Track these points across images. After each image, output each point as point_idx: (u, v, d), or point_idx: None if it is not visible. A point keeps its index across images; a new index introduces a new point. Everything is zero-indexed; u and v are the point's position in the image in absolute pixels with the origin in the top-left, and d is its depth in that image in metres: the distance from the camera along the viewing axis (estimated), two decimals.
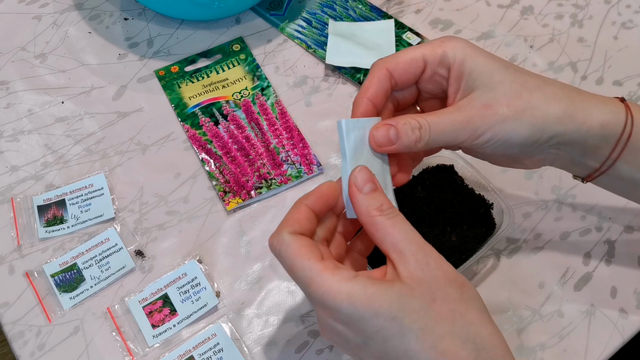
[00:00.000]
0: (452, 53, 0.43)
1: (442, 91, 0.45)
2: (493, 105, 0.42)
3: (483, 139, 0.42)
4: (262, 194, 0.57)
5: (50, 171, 0.58)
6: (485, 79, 0.42)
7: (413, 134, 0.42)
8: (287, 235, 0.39)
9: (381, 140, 0.42)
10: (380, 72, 0.43)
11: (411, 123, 0.42)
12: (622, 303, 0.53)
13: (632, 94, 0.65)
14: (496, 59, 0.43)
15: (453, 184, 0.54)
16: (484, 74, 0.42)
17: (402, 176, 0.46)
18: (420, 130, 0.42)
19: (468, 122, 0.42)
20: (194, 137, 0.60)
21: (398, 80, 0.44)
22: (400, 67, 0.43)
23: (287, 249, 0.39)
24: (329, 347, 0.50)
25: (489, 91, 0.42)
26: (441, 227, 0.51)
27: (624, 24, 0.70)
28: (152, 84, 0.64)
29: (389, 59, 0.44)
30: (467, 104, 0.42)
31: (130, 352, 0.50)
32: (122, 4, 0.70)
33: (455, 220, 0.52)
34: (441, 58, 0.43)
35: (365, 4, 0.70)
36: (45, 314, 0.51)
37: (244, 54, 0.66)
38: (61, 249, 0.54)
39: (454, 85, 0.43)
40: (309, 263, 0.37)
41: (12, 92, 0.63)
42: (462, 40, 0.43)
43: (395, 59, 0.44)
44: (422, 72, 0.44)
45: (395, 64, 0.43)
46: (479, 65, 0.42)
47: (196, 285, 0.53)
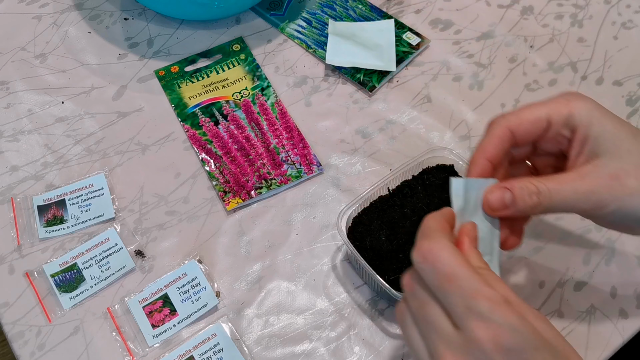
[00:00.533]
0: (578, 114, 0.41)
1: (560, 150, 0.43)
2: (621, 177, 0.39)
3: (607, 210, 0.40)
4: (262, 194, 0.57)
5: (50, 171, 0.58)
6: (613, 146, 0.40)
7: (530, 199, 0.40)
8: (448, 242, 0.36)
9: (495, 204, 0.41)
10: (501, 131, 0.42)
11: (529, 188, 0.40)
12: (622, 303, 0.53)
13: (632, 94, 0.65)
14: (624, 125, 0.41)
15: None
16: (611, 140, 0.40)
17: (513, 240, 0.43)
18: (539, 197, 0.40)
19: (593, 193, 0.39)
20: (194, 137, 0.60)
21: (519, 139, 0.42)
22: (523, 127, 0.42)
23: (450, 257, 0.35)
24: (329, 347, 0.51)
25: (617, 160, 0.40)
26: None
27: (624, 24, 0.70)
28: (152, 84, 0.64)
29: (511, 117, 0.42)
30: (592, 173, 0.40)
31: (130, 352, 0.50)
32: (122, 4, 0.70)
33: None
34: (566, 119, 0.41)
35: (365, 4, 0.70)
36: (45, 314, 0.51)
37: (244, 54, 0.66)
38: (61, 249, 0.54)
39: (577, 148, 0.41)
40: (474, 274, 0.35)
41: (12, 92, 0.63)
42: (589, 101, 0.42)
43: (518, 117, 0.42)
44: (545, 131, 0.42)
45: (518, 123, 0.42)
46: (606, 130, 0.40)
47: (196, 285, 0.53)
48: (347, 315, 0.52)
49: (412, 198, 0.53)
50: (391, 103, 0.64)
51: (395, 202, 0.53)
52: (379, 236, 0.51)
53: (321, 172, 0.59)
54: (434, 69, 0.66)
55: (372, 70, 0.65)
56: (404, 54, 0.66)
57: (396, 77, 0.65)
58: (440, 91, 0.64)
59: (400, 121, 0.62)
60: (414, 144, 0.61)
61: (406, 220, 0.52)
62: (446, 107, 0.63)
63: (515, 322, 0.33)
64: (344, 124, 0.62)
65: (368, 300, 0.53)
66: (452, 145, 0.61)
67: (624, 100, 0.64)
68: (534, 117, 0.42)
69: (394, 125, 0.62)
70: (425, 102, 0.64)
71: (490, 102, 0.64)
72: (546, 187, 0.40)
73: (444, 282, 0.35)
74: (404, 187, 0.54)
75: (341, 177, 0.59)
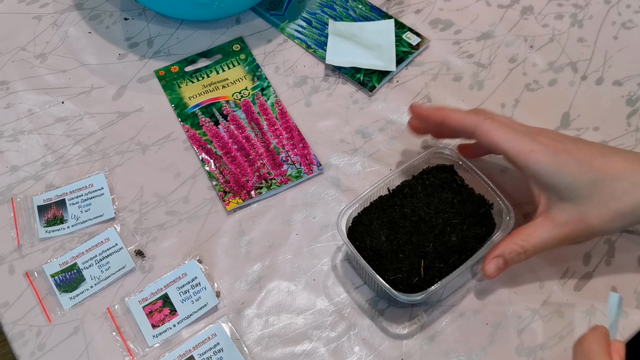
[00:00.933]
0: (536, 166, 0.47)
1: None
2: (585, 220, 0.47)
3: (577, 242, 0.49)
4: (262, 194, 0.57)
5: (50, 171, 0.58)
6: (573, 194, 0.47)
7: (518, 258, 0.49)
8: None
9: (493, 273, 0.49)
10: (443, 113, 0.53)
11: (516, 250, 0.48)
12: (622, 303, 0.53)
13: (632, 94, 0.65)
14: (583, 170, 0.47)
15: (453, 184, 0.54)
16: (570, 189, 0.47)
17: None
18: (526, 254, 0.48)
19: (567, 238, 0.48)
20: (194, 137, 0.60)
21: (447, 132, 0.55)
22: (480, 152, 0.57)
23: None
24: (329, 347, 0.51)
25: (580, 206, 0.47)
26: (441, 227, 0.51)
27: (624, 24, 0.70)
28: (152, 84, 0.64)
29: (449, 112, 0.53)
30: (564, 221, 0.47)
31: (130, 352, 0.50)
32: (122, 4, 0.70)
33: (455, 220, 0.52)
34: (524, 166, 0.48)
35: (365, 4, 0.70)
36: (45, 314, 0.51)
37: (244, 54, 0.66)
38: (61, 249, 0.54)
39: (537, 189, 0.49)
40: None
41: (12, 92, 0.63)
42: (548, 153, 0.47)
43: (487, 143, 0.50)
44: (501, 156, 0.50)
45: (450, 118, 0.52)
46: (565, 181, 0.47)
47: (196, 285, 0.53)
48: (347, 315, 0.52)
49: (412, 198, 0.53)
50: (391, 103, 0.64)
51: (395, 202, 0.53)
52: (379, 236, 0.51)
53: (321, 172, 0.59)
54: (434, 69, 0.66)
55: (372, 70, 0.65)
56: (404, 54, 0.66)
57: (396, 77, 0.65)
58: (440, 91, 0.64)
59: (400, 121, 0.62)
60: (414, 143, 0.61)
61: (406, 221, 0.52)
62: None
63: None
64: (344, 124, 0.62)
65: (368, 300, 0.53)
66: (452, 145, 0.61)
67: (624, 100, 0.64)
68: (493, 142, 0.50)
69: (394, 125, 0.62)
70: (425, 102, 0.64)
71: (490, 102, 0.64)
72: (530, 245, 0.48)
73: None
74: (404, 187, 0.54)
75: (341, 177, 0.59)
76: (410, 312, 0.52)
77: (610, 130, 0.62)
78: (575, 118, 0.63)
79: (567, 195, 0.47)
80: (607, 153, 0.48)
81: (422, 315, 0.52)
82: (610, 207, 0.46)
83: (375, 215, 0.52)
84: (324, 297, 0.53)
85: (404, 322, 0.52)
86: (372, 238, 0.51)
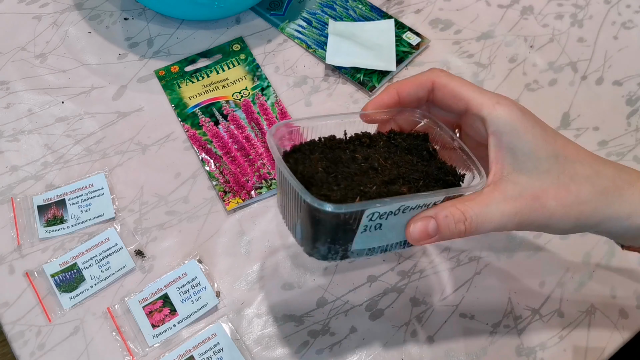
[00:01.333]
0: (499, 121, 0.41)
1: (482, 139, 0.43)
2: (541, 197, 0.40)
3: (531, 228, 0.41)
4: (262, 194, 0.57)
5: (50, 171, 0.58)
6: (532, 165, 0.40)
7: (457, 228, 0.39)
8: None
9: (417, 236, 0.40)
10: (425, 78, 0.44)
11: (455, 215, 0.39)
12: (622, 303, 0.53)
13: (632, 94, 0.65)
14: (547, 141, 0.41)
15: (423, 151, 0.46)
16: (530, 158, 0.40)
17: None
18: (466, 223, 0.39)
19: (517, 214, 0.40)
20: (194, 137, 0.60)
21: (437, 101, 0.44)
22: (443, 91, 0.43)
23: None
24: (329, 347, 0.51)
25: (536, 180, 0.40)
26: (393, 178, 0.42)
27: (624, 24, 0.70)
28: (152, 84, 0.64)
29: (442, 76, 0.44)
30: (516, 194, 0.40)
31: (130, 352, 0.50)
32: (122, 4, 0.70)
33: (415, 176, 0.43)
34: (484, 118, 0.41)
35: (365, 4, 0.70)
36: (45, 314, 0.51)
37: (244, 54, 0.66)
38: (61, 248, 0.54)
39: (493, 152, 0.41)
40: None
41: (12, 92, 0.63)
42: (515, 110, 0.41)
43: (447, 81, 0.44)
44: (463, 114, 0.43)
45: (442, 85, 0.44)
46: (526, 146, 0.40)
47: (196, 285, 0.53)
48: (347, 315, 0.52)
49: (369, 149, 0.45)
50: None
51: (348, 146, 0.45)
52: (315, 166, 0.42)
53: None
54: None
55: (372, 70, 0.65)
56: (404, 54, 0.66)
57: (396, 77, 0.65)
58: None
59: None
60: None
61: (354, 163, 0.43)
62: None
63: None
64: None
65: (368, 300, 0.53)
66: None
67: (624, 100, 0.64)
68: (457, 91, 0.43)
69: None
70: None
71: None
72: (473, 213, 0.39)
73: None
74: (363, 135, 0.46)
75: None
76: (410, 312, 0.52)
77: (610, 130, 0.62)
78: (575, 118, 0.63)
79: (524, 165, 0.40)
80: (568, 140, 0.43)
81: (422, 315, 0.52)
82: (570, 190, 0.40)
83: (320, 149, 0.44)
84: (324, 297, 0.53)
85: (404, 322, 0.52)
86: (306, 166, 0.42)
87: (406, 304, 0.53)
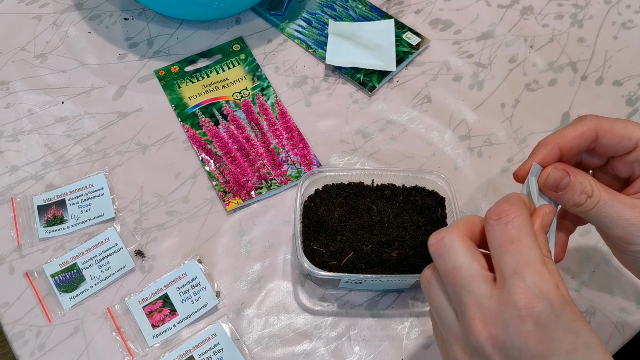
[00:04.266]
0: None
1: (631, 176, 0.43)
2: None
3: (633, 248, 0.40)
4: (262, 194, 0.57)
5: (50, 171, 0.58)
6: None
7: (579, 197, 0.40)
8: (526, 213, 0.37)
9: (552, 182, 0.41)
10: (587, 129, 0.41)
11: (585, 187, 0.40)
12: (622, 303, 0.53)
13: (632, 94, 0.65)
14: None
15: (432, 214, 0.53)
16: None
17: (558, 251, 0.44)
18: (588, 200, 0.40)
19: (633, 225, 0.39)
20: (194, 137, 0.60)
21: (599, 148, 0.42)
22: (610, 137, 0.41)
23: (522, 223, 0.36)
24: (329, 347, 0.51)
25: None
26: (391, 239, 0.50)
27: (624, 24, 0.70)
28: (152, 84, 0.64)
29: (604, 121, 0.41)
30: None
31: (130, 352, 0.50)
32: (122, 4, 0.70)
33: (410, 242, 0.51)
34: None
35: (365, 4, 0.70)
36: (45, 314, 0.51)
37: (244, 54, 0.66)
38: (61, 249, 0.54)
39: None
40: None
41: (12, 92, 0.63)
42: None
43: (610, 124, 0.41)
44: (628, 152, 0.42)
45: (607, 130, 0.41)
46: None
47: (196, 285, 0.53)
48: (347, 315, 0.52)
49: (387, 202, 0.53)
50: (391, 103, 0.64)
51: (370, 194, 0.53)
52: (333, 210, 0.52)
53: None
54: (434, 69, 0.66)
55: (372, 70, 0.65)
56: (404, 54, 0.66)
57: (396, 77, 0.65)
58: (440, 91, 0.64)
59: (400, 121, 0.62)
60: (414, 144, 0.61)
61: (367, 215, 0.52)
62: (446, 107, 0.63)
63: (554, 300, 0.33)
64: (344, 124, 0.62)
65: (368, 300, 0.53)
66: (452, 145, 0.61)
67: (624, 100, 0.64)
68: (625, 132, 0.41)
69: (394, 125, 0.62)
70: (425, 102, 0.64)
71: (490, 102, 0.64)
72: (600, 195, 0.40)
73: (507, 242, 0.35)
74: (387, 187, 0.54)
75: None
76: (411, 312, 0.52)
77: None
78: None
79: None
80: None
81: (422, 316, 0.52)
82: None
83: (345, 193, 0.53)
84: (323, 296, 0.53)
85: (404, 322, 0.52)
86: (326, 208, 0.52)
87: (406, 304, 0.53)
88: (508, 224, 0.36)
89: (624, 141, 0.41)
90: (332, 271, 0.49)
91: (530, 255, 0.34)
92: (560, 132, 0.42)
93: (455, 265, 0.36)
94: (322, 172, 0.53)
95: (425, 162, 0.60)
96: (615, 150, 0.42)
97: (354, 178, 0.54)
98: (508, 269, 0.34)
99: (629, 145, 0.41)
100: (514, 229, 0.35)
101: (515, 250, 0.35)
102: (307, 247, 0.50)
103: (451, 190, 0.53)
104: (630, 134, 0.41)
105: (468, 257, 0.36)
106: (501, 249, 0.35)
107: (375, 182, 0.54)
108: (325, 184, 0.54)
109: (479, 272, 0.35)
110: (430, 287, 0.38)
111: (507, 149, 0.61)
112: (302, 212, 0.52)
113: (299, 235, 0.50)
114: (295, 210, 0.51)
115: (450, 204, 0.53)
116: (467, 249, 0.36)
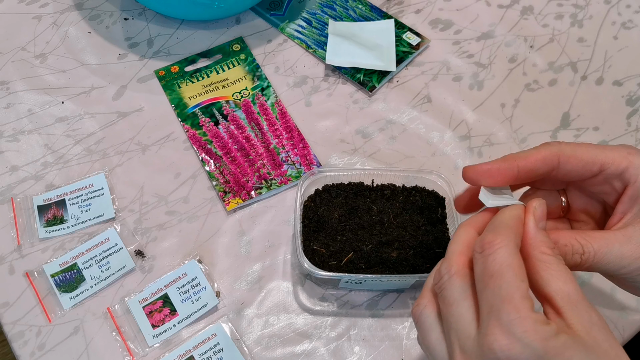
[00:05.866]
0: (635, 170, 0.39)
1: (602, 201, 0.42)
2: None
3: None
4: (262, 194, 0.57)
5: (50, 171, 0.58)
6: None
7: (572, 259, 0.38)
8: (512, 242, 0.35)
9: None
10: (549, 155, 0.40)
11: (574, 246, 0.38)
12: (622, 303, 0.53)
13: (632, 94, 0.65)
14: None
15: (432, 214, 0.53)
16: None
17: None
18: (582, 257, 0.38)
19: (638, 259, 0.38)
20: (194, 137, 0.60)
21: (562, 173, 0.41)
22: (573, 163, 0.40)
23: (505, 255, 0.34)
24: (329, 347, 0.51)
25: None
26: (391, 239, 0.51)
27: (624, 24, 0.70)
28: (152, 84, 0.64)
29: (566, 147, 0.40)
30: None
31: (130, 352, 0.50)
32: (122, 4, 0.70)
33: (410, 242, 0.51)
34: (622, 172, 0.40)
35: (365, 4, 0.70)
36: (45, 314, 0.51)
37: (244, 54, 0.66)
38: (61, 249, 0.54)
39: (626, 204, 0.40)
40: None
41: (12, 92, 0.63)
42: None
43: (572, 150, 0.40)
44: (593, 176, 0.41)
45: (569, 156, 0.40)
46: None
47: (196, 285, 0.53)
48: (347, 315, 0.52)
49: (387, 201, 0.53)
50: (391, 103, 0.64)
51: (370, 194, 0.53)
52: (333, 210, 0.52)
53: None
54: (434, 69, 0.66)
55: (372, 70, 0.65)
56: (404, 54, 0.66)
57: (396, 77, 0.65)
58: (440, 91, 0.64)
59: (400, 121, 0.62)
60: (414, 144, 0.61)
61: (367, 215, 0.52)
62: (446, 107, 0.63)
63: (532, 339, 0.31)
64: (344, 124, 0.62)
65: (368, 300, 0.53)
66: (452, 145, 0.61)
67: (624, 100, 0.64)
68: (588, 157, 0.40)
69: (394, 125, 0.62)
70: (425, 102, 0.64)
71: (490, 102, 0.64)
72: (592, 248, 0.38)
73: (487, 276, 0.34)
74: (387, 187, 0.54)
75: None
76: (411, 312, 0.52)
77: (610, 130, 0.62)
78: (575, 118, 0.63)
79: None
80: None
81: None
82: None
83: (345, 193, 0.53)
84: (323, 296, 0.53)
85: (404, 322, 0.52)
86: (326, 208, 0.52)
87: (406, 304, 0.53)
88: (489, 256, 0.34)
89: (588, 166, 0.40)
90: (332, 271, 0.49)
91: (508, 290, 0.32)
92: (523, 152, 0.41)
93: (449, 302, 0.35)
94: (322, 172, 0.53)
95: (425, 162, 0.60)
96: (580, 175, 0.41)
97: (354, 178, 0.54)
98: (485, 306, 0.33)
99: (592, 170, 0.40)
100: (494, 263, 0.34)
101: (494, 285, 0.33)
102: (307, 247, 0.50)
103: (451, 190, 0.53)
104: (593, 158, 0.40)
105: (462, 294, 0.35)
106: (481, 284, 0.34)
107: (375, 182, 0.54)
108: (325, 184, 0.54)
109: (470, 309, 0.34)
110: (423, 320, 0.37)
111: (507, 149, 0.61)
112: (302, 212, 0.52)
113: (299, 235, 0.50)
114: (295, 210, 0.51)
115: (450, 204, 0.53)
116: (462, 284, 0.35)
